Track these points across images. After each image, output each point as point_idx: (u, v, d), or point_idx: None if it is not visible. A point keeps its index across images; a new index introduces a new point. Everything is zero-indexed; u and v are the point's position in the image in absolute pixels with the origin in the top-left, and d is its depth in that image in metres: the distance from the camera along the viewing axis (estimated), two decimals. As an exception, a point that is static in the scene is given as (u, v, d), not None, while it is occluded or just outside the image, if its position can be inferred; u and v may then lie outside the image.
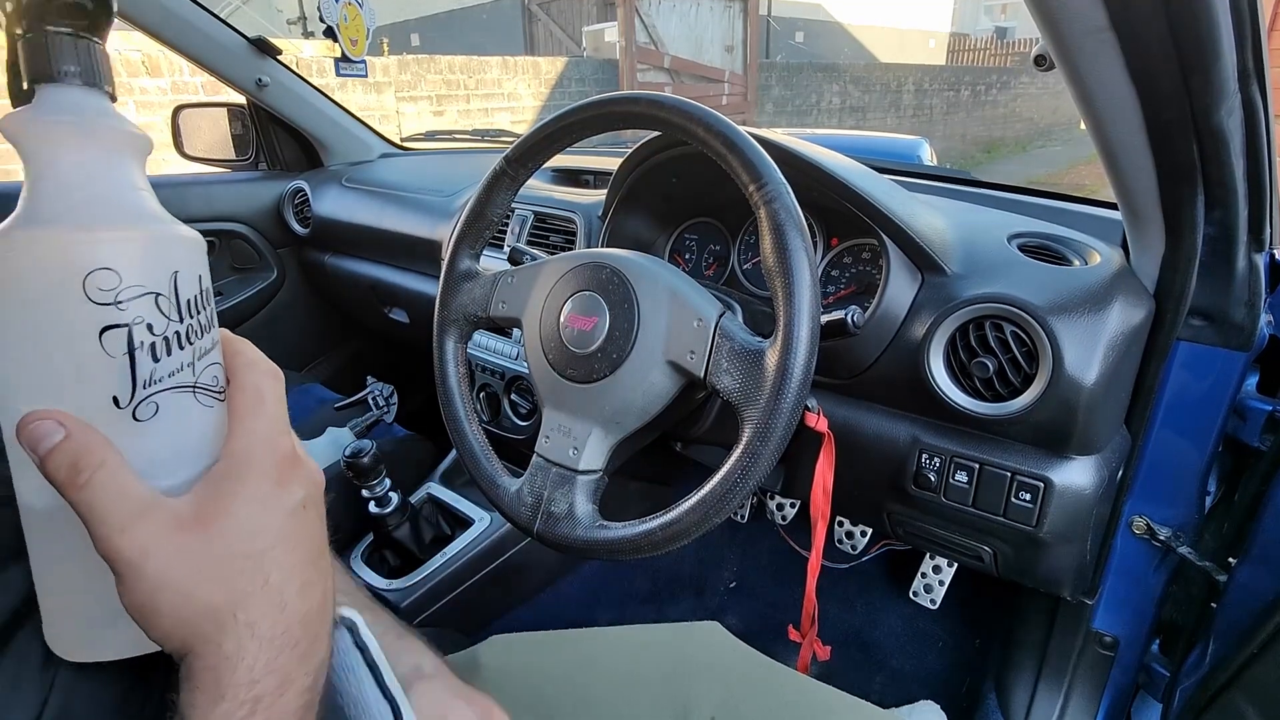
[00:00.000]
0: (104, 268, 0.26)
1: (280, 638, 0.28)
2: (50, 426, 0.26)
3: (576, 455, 0.57)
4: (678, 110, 0.55)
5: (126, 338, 0.27)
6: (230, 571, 0.28)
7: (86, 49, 0.28)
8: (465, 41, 9.27)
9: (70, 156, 0.28)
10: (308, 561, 0.30)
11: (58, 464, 0.26)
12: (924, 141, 2.02)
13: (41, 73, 0.28)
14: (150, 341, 0.28)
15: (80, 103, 0.28)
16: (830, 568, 1.29)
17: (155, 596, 0.27)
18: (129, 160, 0.30)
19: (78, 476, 0.26)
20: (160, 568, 0.26)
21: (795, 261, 0.49)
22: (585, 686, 0.58)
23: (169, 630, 0.27)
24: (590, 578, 1.31)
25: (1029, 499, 0.68)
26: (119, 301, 0.27)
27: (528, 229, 1.08)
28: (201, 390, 0.30)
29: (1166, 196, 0.59)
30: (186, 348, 0.29)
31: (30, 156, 0.28)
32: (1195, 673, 0.79)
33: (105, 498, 0.26)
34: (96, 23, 0.29)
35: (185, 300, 0.29)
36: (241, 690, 0.27)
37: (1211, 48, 0.45)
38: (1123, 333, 0.64)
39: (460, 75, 5.54)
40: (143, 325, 0.27)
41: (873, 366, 0.74)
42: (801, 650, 0.74)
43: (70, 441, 0.26)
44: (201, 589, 0.27)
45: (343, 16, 1.52)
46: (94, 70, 0.28)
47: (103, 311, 0.26)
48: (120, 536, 0.26)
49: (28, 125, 0.27)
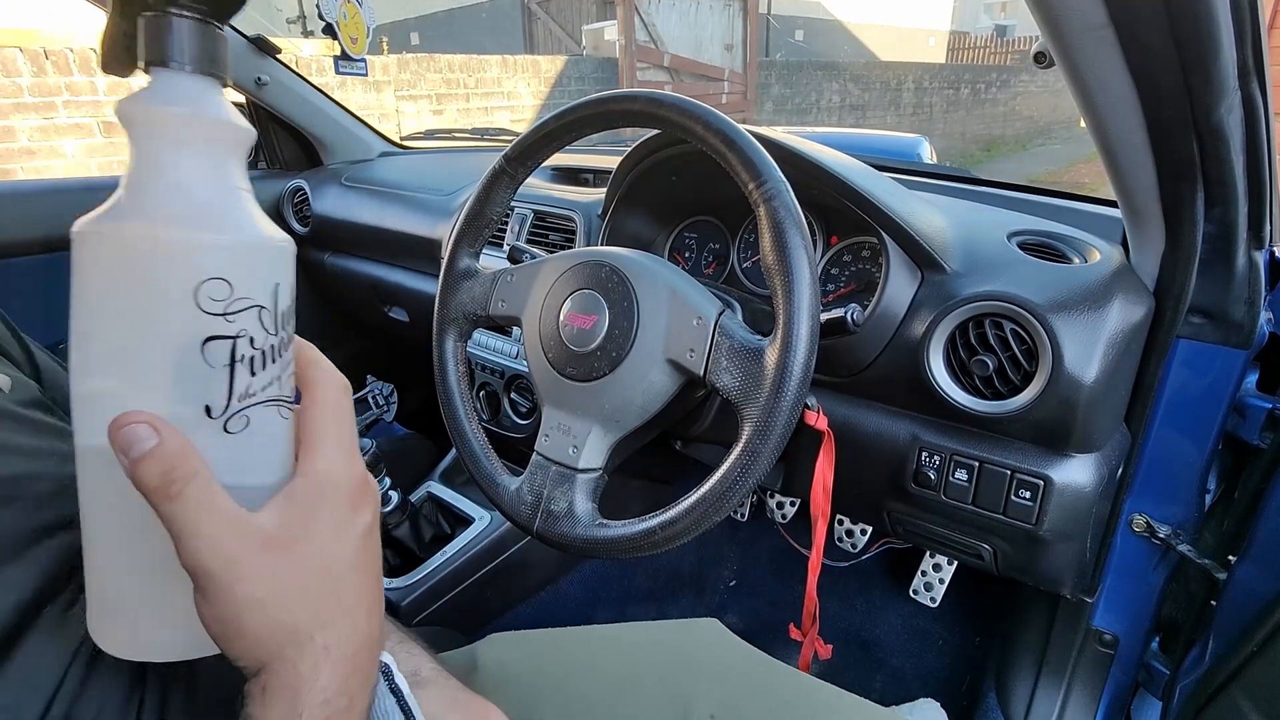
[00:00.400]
0: (218, 278, 0.26)
1: (351, 660, 0.29)
2: (145, 431, 0.25)
3: (576, 454, 0.57)
4: (677, 108, 0.55)
5: (230, 350, 0.26)
6: (312, 593, 0.28)
7: (211, 35, 0.27)
8: (465, 40, 9.26)
9: (187, 152, 0.27)
10: (373, 585, 0.31)
11: (150, 471, 0.25)
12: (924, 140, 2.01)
13: (160, 56, 0.26)
14: (250, 355, 0.27)
15: (199, 93, 0.27)
16: (830, 566, 1.29)
17: (240, 614, 0.26)
18: (236, 157, 0.28)
19: (170, 487, 0.25)
20: (248, 588, 0.26)
21: (795, 259, 0.49)
22: (585, 685, 0.58)
23: (248, 648, 0.27)
24: (590, 576, 1.31)
25: (1029, 497, 0.68)
26: (228, 313, 0.26)
27: (527, 228, 1.08)
28: (284, 404, 0.29)
29: (1166, 194, 0.59)
30: (278, 360, 0.28)
31: (143, 145, 0.26)
32: (1195, 670, 0.79)
33: (196, 511, 0.26)
34: (222, 9, 0.27)
35: (283, 312, 0.28)
36: (317, 711, 0.27)
37: (1211, 45, 0.45)
38: (1123, 330, 0.64)
39: (460, 74, 5.53)
40: (246, 339, 0.27)
41: (872, 365, 0.74)
42: (802, 648, 0.74)
43: (163, 449, 0.25)
44: (285, 609, 0.27)
45: (342, 14, 1.52)
46: (215, 58, 0.27)
47: (211, 322, 0.26)
48: (211, 553, 0.26)
49: (145, 112, 0.26)
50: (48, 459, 0.35)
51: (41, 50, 3.36)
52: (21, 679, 0.30)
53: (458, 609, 1.03)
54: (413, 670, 0.48)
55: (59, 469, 0.35)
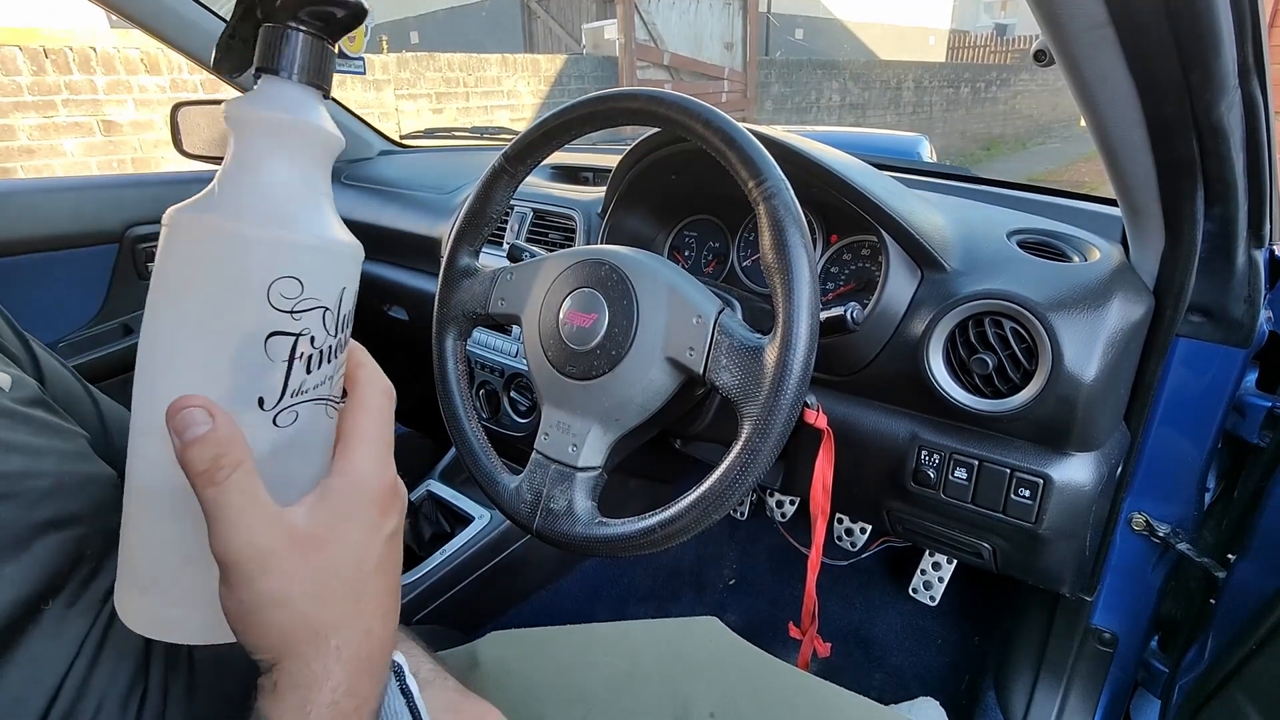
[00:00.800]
0: (290, 276, 0.27)
1: (363, 662, 0.29)
2: (200, 415, 0.26)
3: (576, 452, 0.57)
4: (677, 106, 0.55)
5: (291, 346, 0.27)
6: (334, 594, 0.28)
7: (320, 50, 0.29)
8: (464, 39, 9.25)
9: (280, 156, 0.28)
10: (391, 589, 0.31)
11: (200, 455, 0.26)
12: (924, 138, 2.01)
13: (272, 63, 0.28)
14: (309, 354, 0.28)
15: (301, 101, 0.29)
16: (830, 565, 1.29)
17: (261, 607, 0.27)
18: (324, 165, 0.30)
19: (216, 473, 0.26)
20: (274, 583, 0.27)
21: (794, 258, 0.49)
22: (585, 683, 0.58)
23: (265, 642, 0.27)
24: (589, 575, 1.31)
25: (1028, 495, 0.68)
26: (295, 311, 0.27)
27: (527, 226, 1.08)
28: (332, 404, 0.30)
29: (1166, 192, 0.59)
30: (334, 361, 0.29)
31: (243, 144, 0.28)
32: (1194, 669, 0.79)
33: (237, 499, 0.26)
34: (334, 30, 0.29)
35: (344, 315, 0.29)
36: (325, 710, 0.27)
37: (1212, 43, 0.45)
38: (1122, 329, 0.64)
39: (459, 73, 5.53)
40: (308, 338, 0.28)
41: (872, 363, 0.74)
42: (802, 647, 0.74)
43: (215, 434, 0.26)
44: (305, 609, 0.27)
45: (341, 13, 1.52)
46: (321, 71, 0.29)
47: (278, 318, 0.27)
48: (243, 543, 0.26)
49: (251, 113, 0.28)
50: (47, 457, 0.35)
51: (41, 49, 3.35)
52: (24, 675, 0.30)
53: (458, 607, 1.03)
54: (412, 671, 0.48)
55: (58, 467, 0.35)
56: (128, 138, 3.72)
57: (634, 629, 0.64)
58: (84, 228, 1.25)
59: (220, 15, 1.33)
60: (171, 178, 1.45)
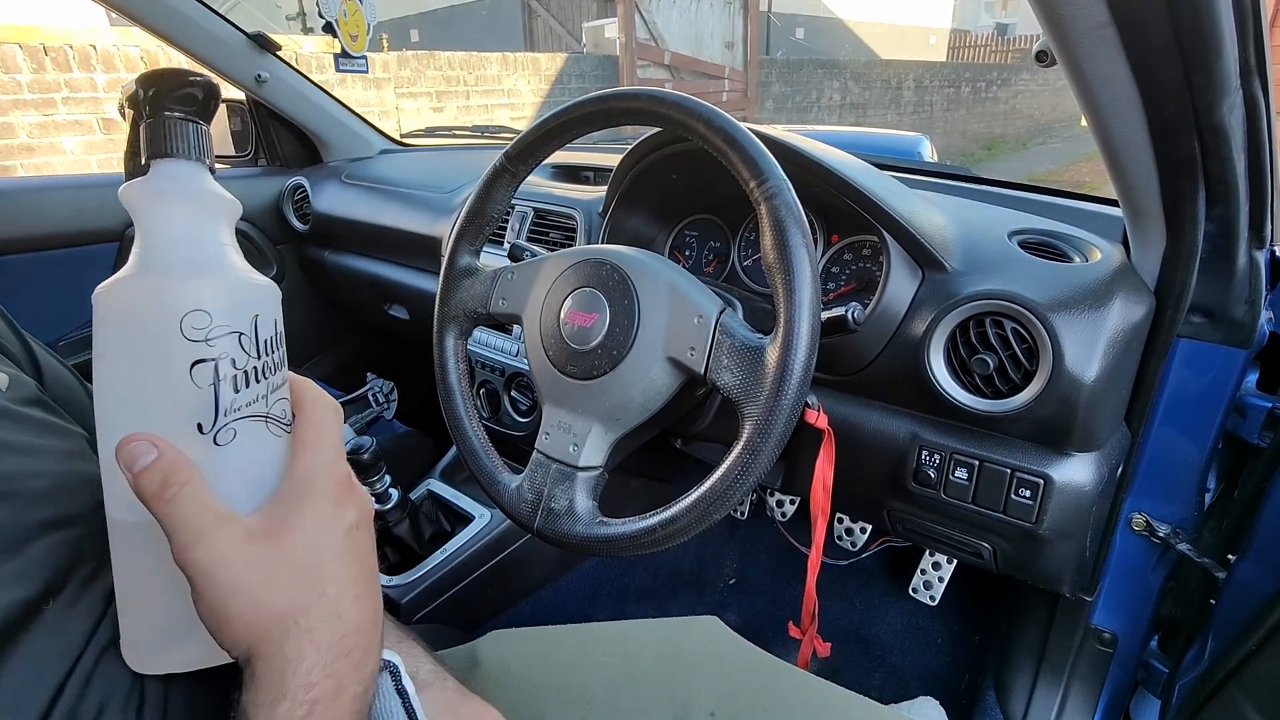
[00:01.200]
0: (198, 309, 0.30)
1: (337, 644, 0.30)
2: (145, 447, 0.29)
3: (577, 452, 0.57)
4: (678, 106, 0.55)
5: (213, 371, 0.31)
6: (294, 581, 0.30)
7: (195, 130, 0.33)
8: (465, 38, 9.24)
9: (174, 218, 0.32)
10: (360, 577, 0.33)
11: (150, 480, 0.29)
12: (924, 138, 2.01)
13: (157, 150, 0.32)
14: (232, 375, 0.31)
15: (187, 174, 0.33)
16: (830, 564, 1.29)
17: (227, 602, 0.29)
18: (221, 221, 0.34)
19: (165, 491, 0.29)
20: (232, 576, 0.29)
21: (796, 258, 0.49)
22: (585, 682, 0.58)
23: (238, 635, 0.29)
24: (590, 574, 1.31)
25: (1029, 495, 0.68)
26: (209, 339, 0.30)
27: (528, 226, 1.08)
28: (273, 421, 0.33)
29: (1167, 193, 0.59)
30: (262, 382, 0.33)
31: (142, 217, 0.32)
32: (1194, 669, 0.79)
33: (187, 511, 0.29)
34: (204, 111, 0.33)
35: (263, 340, 0.33)
36: (301, 691, 0.29)
37: (1214, 43, 0.45)
38: (1123, 329, 0.64)
39: (460, 71, 5.52)
40: (227, 360, 0.31)
41: (873, 363, 0.74)
42: (802, 646, 0.74)
43: (162, 460, 0.29)
44: (269, 596, 0.29)
45: (342, 12, 1.52)
46: (199, 147, 0.33)
47: (195, 348, 0.30)
48: (197, 545, 0.29)
49: (142, 192, 0.32)
50: (46, 456, 0.35)
51: (41, 47, 3.35)
52: (25, 675, 0.30)
53: (458, 606, 1.03)
54: (411, 672, 0.48)
55: (57, 466, 0.35)
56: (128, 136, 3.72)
57: (634, 628, 0.64)
58: (84, 226, 1.25)
59: (220, 13, 1.33)
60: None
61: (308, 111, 1.53)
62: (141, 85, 0.33)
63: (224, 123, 1.56)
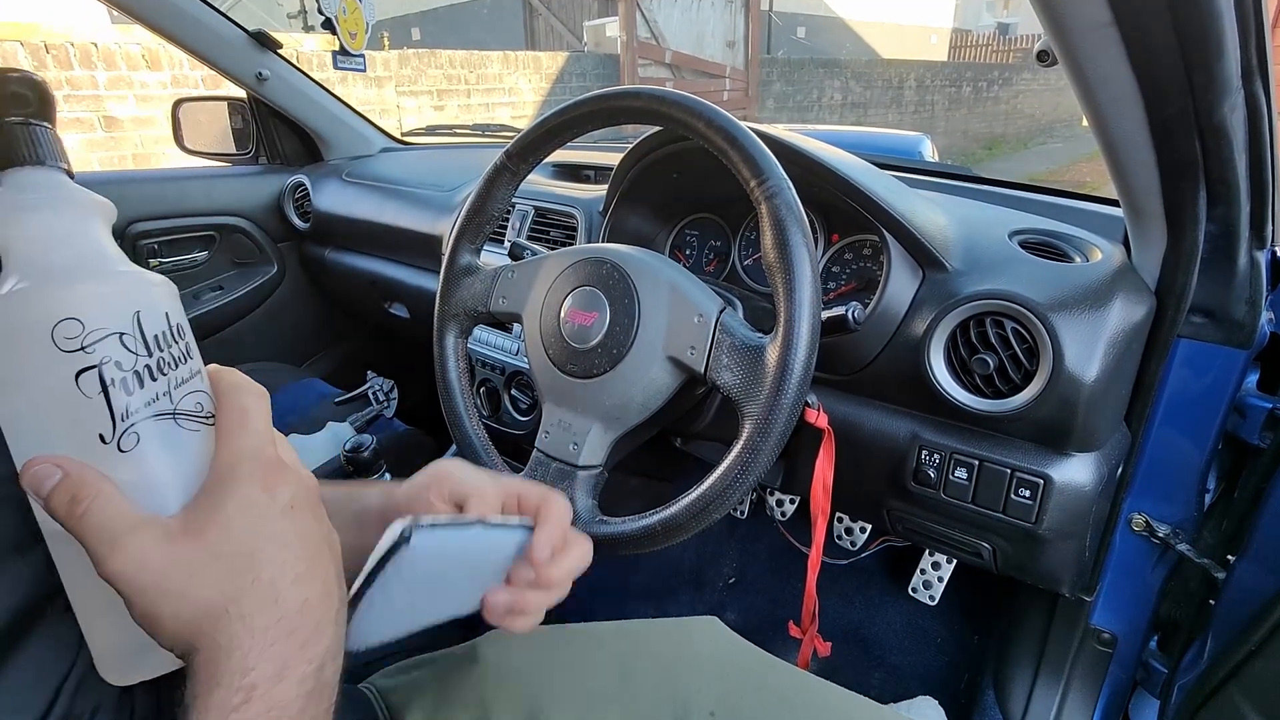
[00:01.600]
0: (67, 318, 0.28)
1: (275, 627, 0.30)
2: (48, 469, 0.28)
3: (577, 450, 0.57)
4: (679, 105, 0.55)
5: (98, 377, 0.29)
6: (221, 571, 0.29)
7: (39, 134, 0.31)
8: (466, 36, 9.23)
9: (31, 227, 0.30)
10: (303, 556, 0.32)
11: (59, 501, 0.28)
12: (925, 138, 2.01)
13: (2, 161, 0.31)
14: (121, 377, 0.29)
15: (39, 181, 0.31)
16: (829, 564, 1.29)
17: (155, 605, 0.28)
18: (88, 221, 0.32)
19: (76, 509, 0.28)
20: (154, 578, 0.28)
21: (796, 257, 0.49)
22: (585, 681, 0.58)
23: (174, 633, 0.29)
24: (589, 573, 1.31)
25: (1028, 495, 0.68)
26: (85, 346, 0.29)
27: (528, 224, 1.08)
28: (183, 416, 0.32)
29: (1168, 193, 0.59)
30: (160, 379, 0.31)
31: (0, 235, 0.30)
32: (1193, 669, 0.79)
33: (99, 523, 0.28)
34: (44, 110, 0.32)
35: (151, 336, 0.31)
36: (235, 678, 0.28)
37: (1215, 44, 0.45)
38: (1123, 330, 0.64)
39: (461, 70, 5.52)
40: (111, 363, 0.29)
41: (873, 363, 0.74)
42: (801, 646, 0.74)
43: (68, 480, 0.28)
44: (196, 591, 0.29)
45: (341, 10, 1.51)
46: (49, 151, 0.31)
47: (73, 358, 0.29)
48: (113, 555, 0.28)
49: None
50: None
51: (42, 44, 3.35)
52: (25, 678, 0.30)
53: (457, 605, 1.03)
54: None
55: None
56: (129, 134, 3.72)
57: (634, 628, 0.65)
58: (85, 224, 1.25)
59: (221, 11, 1.33)
60: (173, 174, 1.45)
61: (309, 110, 1.53)
62: None
63: (225, 120, 1.56)
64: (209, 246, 1.47)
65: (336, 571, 0.34)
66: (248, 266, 1.55)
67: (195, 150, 1.54)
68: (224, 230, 1.48)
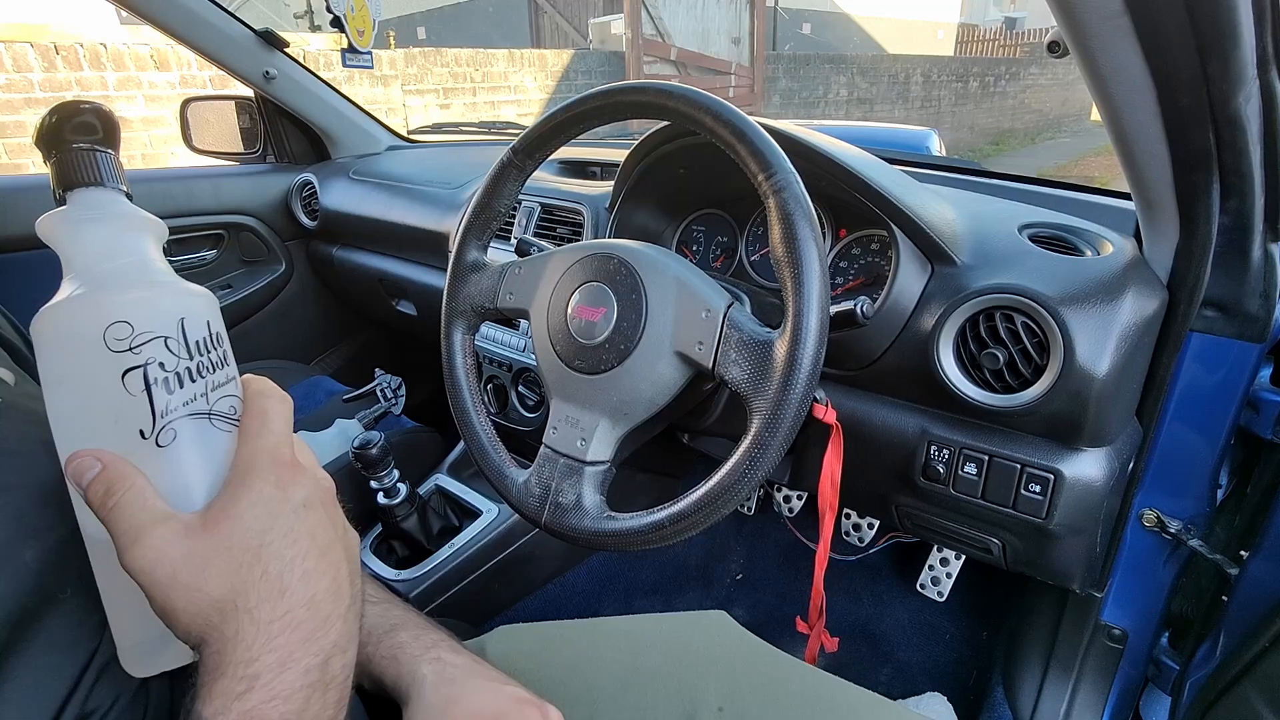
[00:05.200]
0: (118, 321, 0.31)
1: (280, 620, 0.31)
2: (90, 461, 0.30)
3: (584, 446, 0.57)
4: (686, 100, 0.54)
5: (143, 376, 0.31)
6: (232, 565, 0.30)
7: (103, 159, 0.34)
8: (471, 34, 9.24)
9: (90, 240, 0.33)
10: (312, 552, 0.33)
11: (95, 491, 0.30)
12: (933, 132, 1.99)
13: (68, 182, 0.34)
14: (164, 377, 0.32)
15: (100, 200, 0.34)
16: (837, 560, 1.29)
17: (169, 597, 0.30)
18: (142, 238, 0.35)
19: (109, 500, 0.30)
20: (169, 571, 0.30)
21: (805, 251, 0.49)
22: (593, 677, 0.58)
23: (188, 625, 0.30)
24: (597, 569, 1.32)
25: (1039, 491, 0.68)
26: (134, 347, 0.31)
27: (535, 221, 1.08)
28: (218, 417, 0.34)
29: (1181, 185, 0.58)
30: (199, 380, 0.33)
31: (62, 246, 0.33)
32: (1205, 666, 0.79)
33: (127, 515, 0.30)
34: (109, 137, 0.35)
35: (194, 341, 0.33)
36: (239, 667, 0.29)
37: (1231, 33, 0.44)
38: (1135, 324, 0.63)
39: (466, 68, 5.52)
40: (155, 364, 0.32)
41: (882, 358, 0.73)
42: (809, 642, 0.74)
43: (106, 471, 0.30)
44: (207, 584, 0.30)
45: (349, 7, 1.52)
46: (110, 174, 0.35)
47: (122, 358, 0.31)
48: (134, 546, 0.29)
49: (59, 224, 0.34)
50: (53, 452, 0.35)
51: (52, 45, 3.37)
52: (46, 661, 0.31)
53: (465, 601, 1.03)
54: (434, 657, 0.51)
55: None
56: (138, 134, 3.74)
57: (642, 623, 0.65)
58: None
59: (229, 11, 1.34)
60: (181, 173, 1.46)
61: (316, 108, 1.53)
62: (42, 123, 0.34)
63: (233, 120, 1.56)
64: (218, 245, 1.47)
65: (349, 570, 0.35)
66: (256, 265, 1.55)
67: (204, 149, 1.55)
68: (232, 229, 1.49)
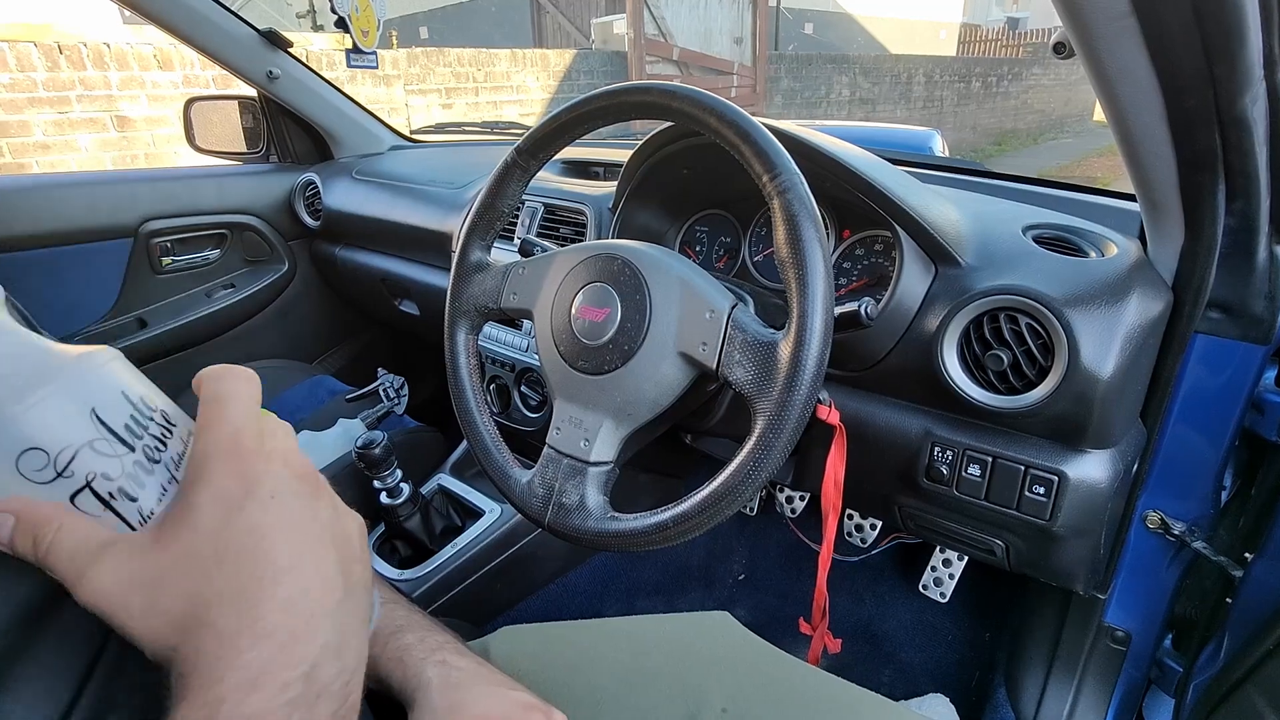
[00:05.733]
0: (28, 449, 0.25)
1: (249, 630, 0.27)
2: (2, 517, 0.27)
3: (588, 447, 0.57)
4: (691, 100, 0.54)
5: (91, 496, 0.27)
6: (189, 578, 0.28)
7: None
8: (474, 34, 9.25)
9: None
10: (284, 549, 0.29)
11: (22, 544, 0.27)
12: (936, 133, 1.99)
13: None
14: (119, 486, 0.27)
15: None
16: (839, 560, 1.29)
17: (128, 625, 0.27)
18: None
19: (40, 547, 0.27)
20: (120, 599, 0.27)
21: (809, 252, 0.49)
22: (596, 678, 0.58)
23: (153, 649, 0.28)
24: (599, 569, 1.32)
25: (1042, 492, 0.68)
26: (61, 473, 0.26)
27: (538, 221, 1.08)
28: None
29: (1186, 186, 0.58)
30: (160, 458, 0.28)
31: None
32: (1209, 668, 0.78)
33: (65, 555, 0.27)
34: None
35: (126, 424, 0.27)
36: (201, 691, 0.26)
37: (1237, 33, 0.44)
38: (1140, 325, 0.63)
39: (469, 68, 5.52)
40: (99, 476, 0.26)
41: (885, 359, 0.73)
42: (812, 643, 0.74)
43: (23, 521, 0.27)
44: (164, 603, 0.27)
45: (354, 7, 1.52)
46: None
47: (55, 486, 0.26)
48: (80, 583, 0.27)
49: None
50: None
51: (56, 45, 3.38)
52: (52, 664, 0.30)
53: (468, 601, 1.04)
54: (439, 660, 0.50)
55: None
56: (141, 133, 3.75)
57: (645, 624, 0.64)
58: (98, 223, 1.27)
59: (232, 10, 1.34)
60: (185, 173, 1.46)
61: (319, 108, 1.53)
62: None
63: (236, 119, 1.57)
64: (221, 245, 1.48)
65: (339, 560, 0.31)
66: (259, 264, 1.56)
67: (207, 149, 1.55)
68: (235, 228, 1.49)
